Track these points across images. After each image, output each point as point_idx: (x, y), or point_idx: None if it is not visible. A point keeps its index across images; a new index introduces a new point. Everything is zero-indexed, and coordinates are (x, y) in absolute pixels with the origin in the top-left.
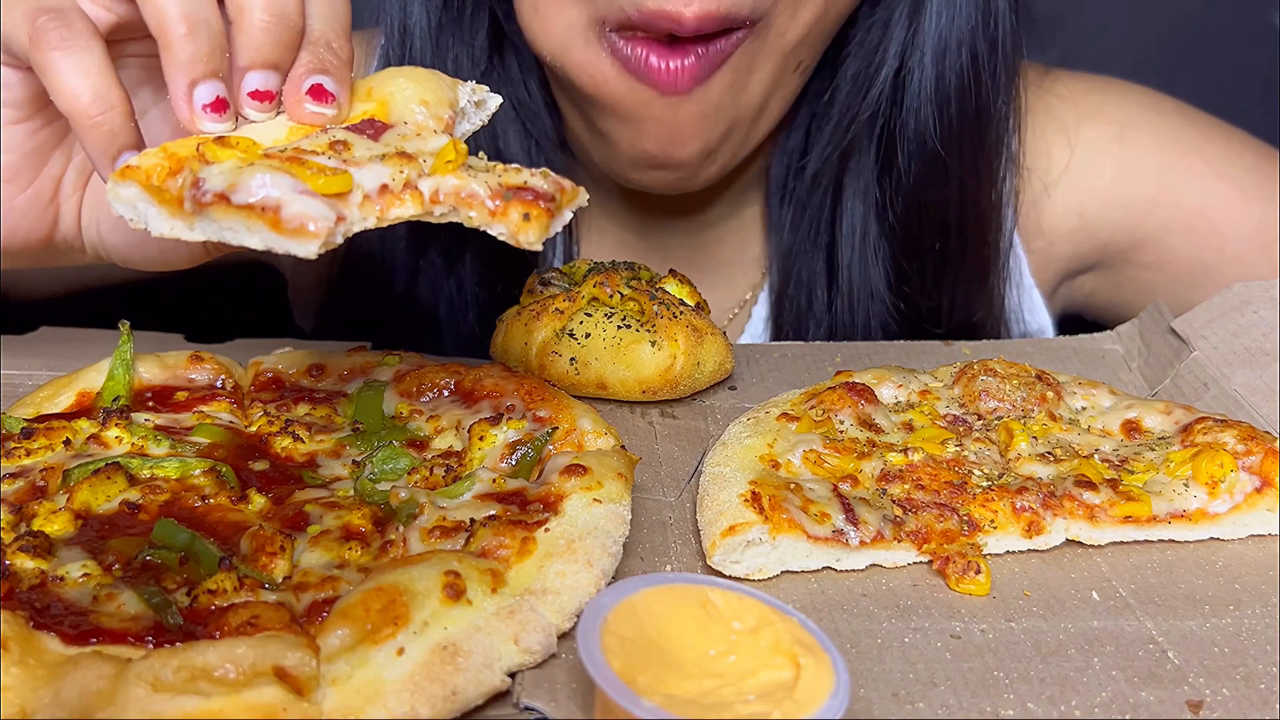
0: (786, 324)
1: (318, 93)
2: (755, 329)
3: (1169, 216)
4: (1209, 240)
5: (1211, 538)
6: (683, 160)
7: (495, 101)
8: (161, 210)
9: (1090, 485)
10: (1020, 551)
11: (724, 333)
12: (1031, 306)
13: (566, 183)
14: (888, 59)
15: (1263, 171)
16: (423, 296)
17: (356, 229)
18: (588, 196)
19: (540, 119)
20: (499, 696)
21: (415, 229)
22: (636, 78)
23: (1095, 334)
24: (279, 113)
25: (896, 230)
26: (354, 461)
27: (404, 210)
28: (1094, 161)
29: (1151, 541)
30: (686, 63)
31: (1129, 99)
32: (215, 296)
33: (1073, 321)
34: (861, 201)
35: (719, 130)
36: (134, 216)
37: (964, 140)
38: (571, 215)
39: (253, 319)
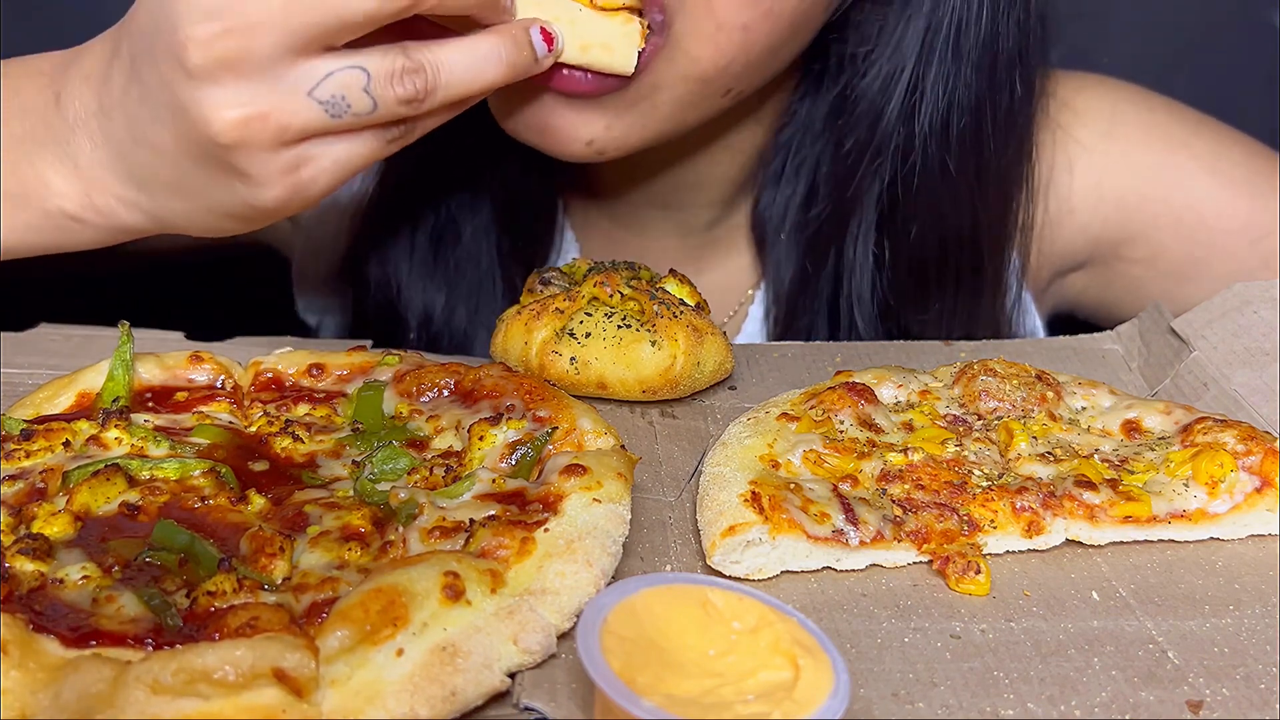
0: None
1: None
2: (752, 328)
3: (1158, 211)
4: (1197, 234)
5: (1211, 538)
6: (562, 132)
7: None
8: None
9: (1090, 485)
10: (1020, 551)
11: (724, 333)
12: (1023, 308)
13: None
14: (892, 119)
15: (1252, 166)
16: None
17: None
18: None
19: None
20: (499, 697)
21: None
22: None
23: (1095, 334)
24: None
25: (899, 285)
26: (354, 461)
27: None
28: (1085, 158)
29: (1151, 541)
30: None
31: (1118, 95)
32: (218, 278)
33: (1064, 321)
34: (864, 256)
35: (613, 131)
36: None
37: (967, 204)
38: None
39: (254, 306)
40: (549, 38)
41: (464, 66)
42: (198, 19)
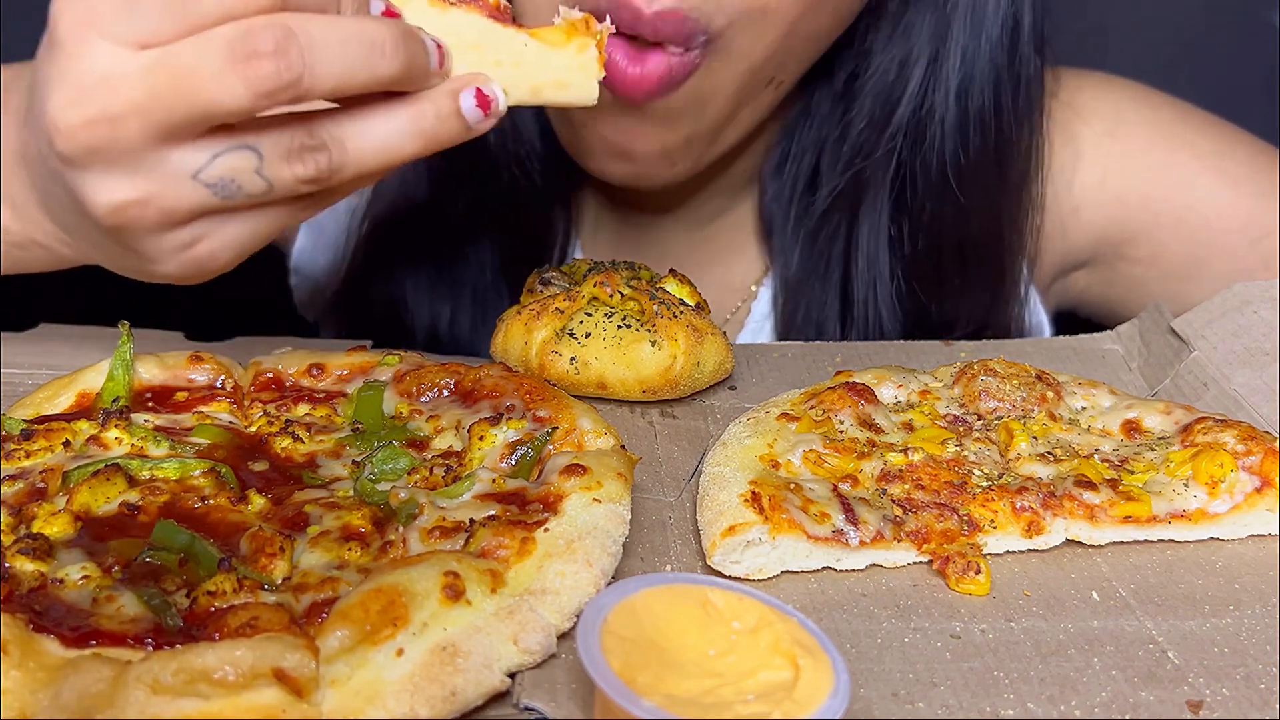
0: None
1: None
2: (755, 323)
3: (1160, 211)
4: (1199, 234)
5: (1211, 538)
6: (640, 153)
7: None
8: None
9: (1090, 485)
10: (1020, 551)
11: (724, 333)
12: (1031, 304)
13: None
14: (906, 97)
15: (1255, 165)
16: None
17: None
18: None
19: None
20: (499, 697)
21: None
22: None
23: (1095, 334)
24: None
25: (914, 266)
26: (354, 461)
27: None
28: (1088, 157)
29: (1151, 541)
30: (648, 70)
31: (1122, 94)
32: (218, 278)
33: (1066, 320)
34: (876, 239)
35: (677, 137)
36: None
37: (985, 180)
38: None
39: (254, 306)
40: (485, 101)
41: (375, 141)
42: (62, 106)
